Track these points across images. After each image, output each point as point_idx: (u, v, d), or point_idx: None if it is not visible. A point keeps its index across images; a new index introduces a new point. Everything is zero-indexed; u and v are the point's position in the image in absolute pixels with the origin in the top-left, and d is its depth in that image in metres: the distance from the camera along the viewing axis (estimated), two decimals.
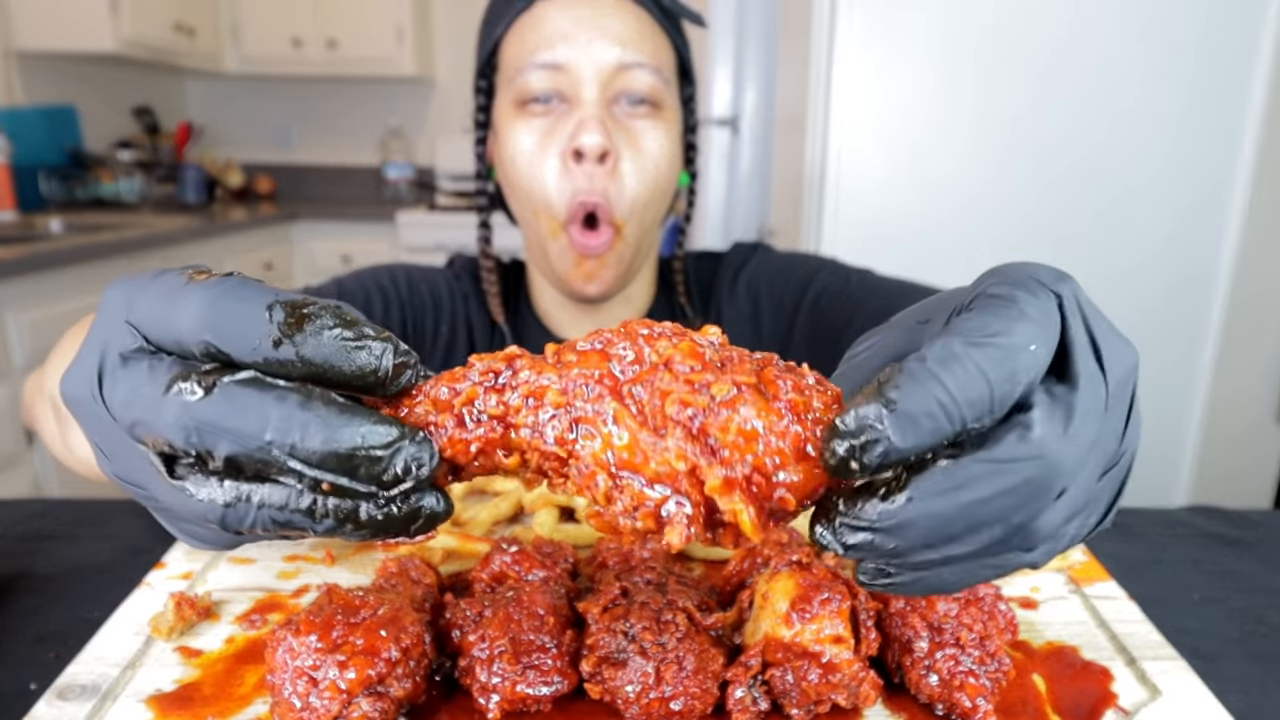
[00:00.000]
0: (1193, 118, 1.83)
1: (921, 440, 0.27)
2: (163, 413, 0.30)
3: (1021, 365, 0.28)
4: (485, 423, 0.32)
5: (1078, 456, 0.29)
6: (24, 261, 2.10)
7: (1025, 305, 0.30)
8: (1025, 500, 0.28)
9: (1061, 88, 1.82)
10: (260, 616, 0.51)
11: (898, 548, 0.29)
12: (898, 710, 0.43)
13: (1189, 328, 1.95)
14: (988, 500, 0.28)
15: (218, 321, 0.30)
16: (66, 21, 3.07)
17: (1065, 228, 1.90)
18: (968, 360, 0.28)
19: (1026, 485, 0.28)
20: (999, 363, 0.28)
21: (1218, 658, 0.56)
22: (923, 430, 0.27)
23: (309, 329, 0.29)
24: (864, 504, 0.29)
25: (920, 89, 1.86)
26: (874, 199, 1.93)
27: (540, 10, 0.83)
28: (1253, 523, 0.77)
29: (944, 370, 0.27)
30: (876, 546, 0.29)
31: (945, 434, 0.27)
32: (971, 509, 0.28)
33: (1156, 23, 1.78)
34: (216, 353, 0.30)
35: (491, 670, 0.41)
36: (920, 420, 0.27)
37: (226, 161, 4.21)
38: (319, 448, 0.29)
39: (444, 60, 4.29)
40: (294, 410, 0.29)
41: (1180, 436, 2.02)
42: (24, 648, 0.54)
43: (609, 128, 0.81)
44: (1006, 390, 0.28)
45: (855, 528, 0.29)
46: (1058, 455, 0.28)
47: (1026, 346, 0.29)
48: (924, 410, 0.27)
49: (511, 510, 0.64)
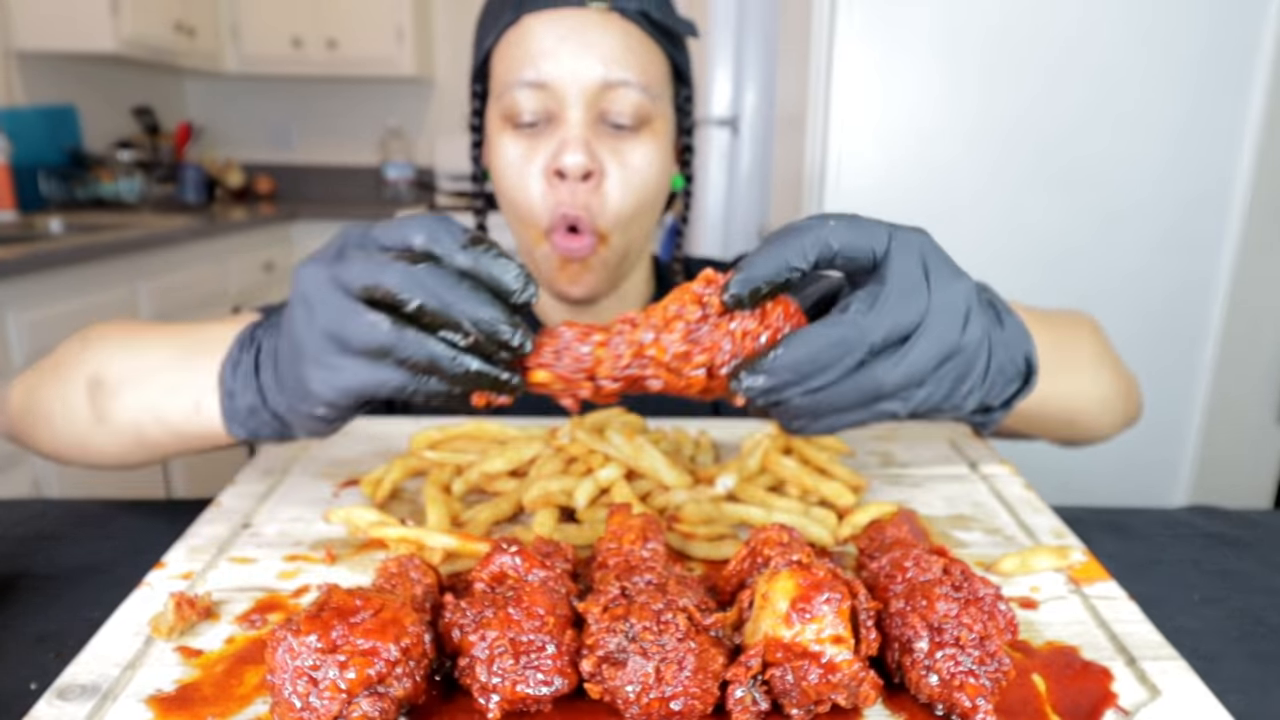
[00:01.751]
0: (1193, 119, 1.83)
1: (759, 274, 0.48)
2: (388, 273, 0.46)
3: (817, 238, 0.48)
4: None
5: (883, 326, 0.47)
6: (24, 261, 2.10)
7: (847, 218, 0.49)
8: (848, 350, 0.46)
9: (1062, 87, 1.82)
10: (260, 616, 0.51)
11: (777, 384, 0.47)
12: (898, 710, 0.43)
13: (1189, 328, 1.95)
14: (822, 349, 0.46)
15: (434, 232, 0.48)
16: (66, 21, 3.07)
17: (1065, 227, 1.90)
18: (787, 233, 0.48)
19: (843, 340, 0.46)
20: (803, 234, 0.48)
21: (1217, 658, 0.56)
22: (759, 270, 0.48)
23: (480, 247, 0.48)
24: (757, 361, 0.47)
25: (920, 89, 1.86)
26: (874, 199, 1.93)
27: (526, 25, 0.82)
28: (1252, 523, 0.77)
29: (776, 238, 0.48)
30: (764, 386, 0.47)
31: (776, 273, 0.47)
32: (815, 354, 0.46)
33: (1158, 23, 1.78)
34: (427, 252, 0.48)
35: (491, 670, 0.41)
36: (758, 264, 0.48)
37: (226, 161, 4.21)
38: (472, 313, 0.46)
39: (444, 60, 4.29)
40: (466, 287, 0.46)
41: (1180, 437, 2.02)
42: (24, 648, 0.54)
43: (593, 147, 0.81)
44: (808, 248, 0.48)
45: (753, 372, 0.47)
46: (862, 323, 0.47)
47: (824, 226, 0.48)
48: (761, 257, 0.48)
49: (511, 510, 0.64)
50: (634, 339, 0.50)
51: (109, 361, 0.68)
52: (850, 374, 0.47)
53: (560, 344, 0.51)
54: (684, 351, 0.50)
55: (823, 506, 0.65)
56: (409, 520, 0.63)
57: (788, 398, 0.48)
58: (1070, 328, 0.76)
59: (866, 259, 0.49)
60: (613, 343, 0.50)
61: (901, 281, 0.47)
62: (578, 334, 0.51)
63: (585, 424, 0.71)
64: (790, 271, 0.47)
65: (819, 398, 0.48)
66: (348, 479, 0.72)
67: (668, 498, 0.65)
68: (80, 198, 3.35)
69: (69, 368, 0.70)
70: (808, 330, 0.47)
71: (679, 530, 0.61)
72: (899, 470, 0.75)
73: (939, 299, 0.48)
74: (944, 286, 0.49)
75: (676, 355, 0.50)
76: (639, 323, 0.51)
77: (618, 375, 0.51)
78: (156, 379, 0.65)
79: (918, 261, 0.48)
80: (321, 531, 0.63)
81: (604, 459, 0.67)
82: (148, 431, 0.67)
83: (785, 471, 0.67)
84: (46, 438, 0.74)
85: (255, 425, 0.60)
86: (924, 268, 0.49)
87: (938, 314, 0.48)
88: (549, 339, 0.51)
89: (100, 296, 2.43)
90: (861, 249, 0.48)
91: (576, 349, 0.51)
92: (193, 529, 0.62)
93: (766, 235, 0.49)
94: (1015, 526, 0.65)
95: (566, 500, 0.64)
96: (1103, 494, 1.94)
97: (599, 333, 0.51)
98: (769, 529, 0.51)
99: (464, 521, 0.62)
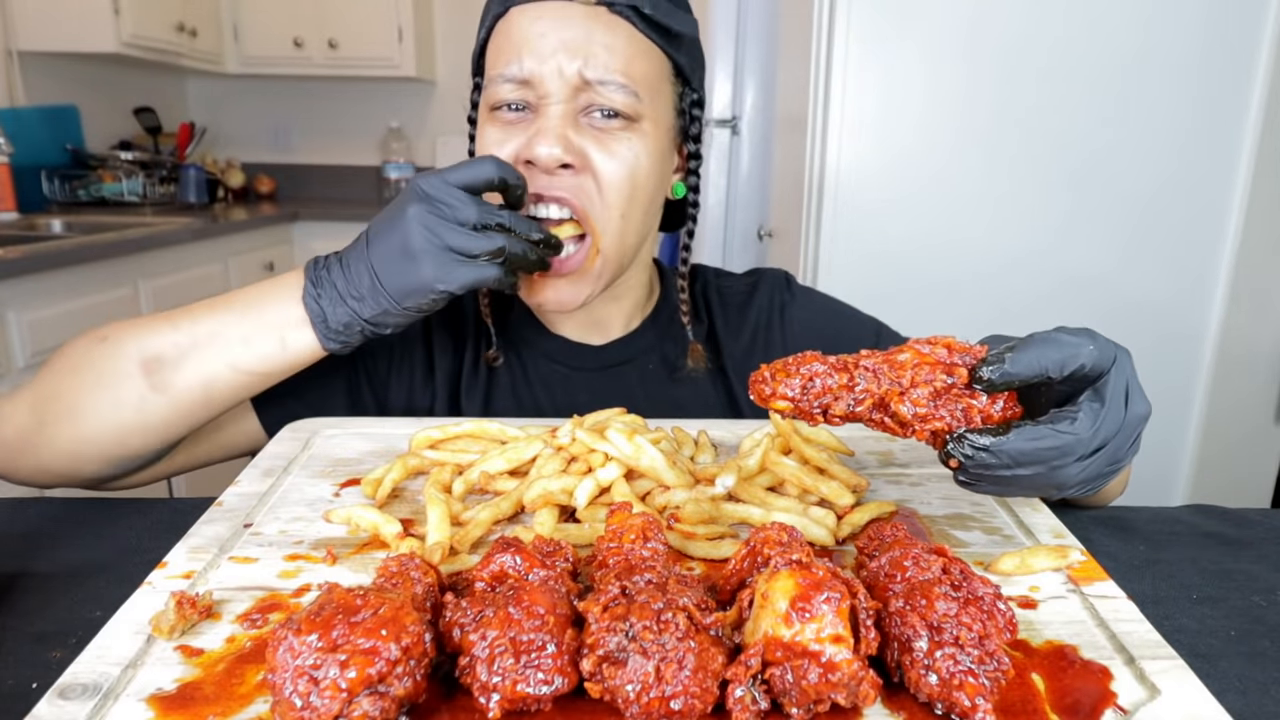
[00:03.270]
0: (1193, 120, 1.83)
1: (1019, 372, 0.53)
2: (469, 210, 0.72)
3: (1075, 355, 0.53)
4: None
5: (1093, 442, 0.54)
6: (25, 261, 2.11)
7: (1091, 335, 0.55)
8: (1060, 455, 0.53)
9: (1063, 87, 1.82)
10: (261, 616, 0.51)
11: (994, 463, 0.53)
12: (897, 710, 0.43)
13: (1189, 328, 1.95)
14: (1044, 449, 0.53)
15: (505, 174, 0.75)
16: (68, 22, 3.08)
17: (1065, 227, 1.90)
18: (1048, 343, 0.54)
19: (1064, 447, 0.53)
20: (1064, 348, 0.54)
21: (1216, 657, 0.56)
22: (1020, 368, 0.53)
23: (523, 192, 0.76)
24: (985, 435, 0.53)
25: (920, 89, 1.86)
26: (873, 199, 1.93)
27: (512, 17, 0.83)
28: (1251, 522, 0.77)
29: (1037, 344, 0.54)
30: (983, 461, 0.53)
31: (1034, 376, 0.53)
32: (1036, 451, 0.53)
33: (1158, 24, 1.78)
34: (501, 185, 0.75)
35: (492, 669, 0.42)
36: (1021, 362, 0.53)
37: (227, 162, 4.21)
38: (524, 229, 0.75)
39: (444, 60, 4.30)
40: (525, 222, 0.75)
41: (1180, 436, 2.02)
42: (25, 647, 0.54)
43: (572, 140, 0.81)
44: (1066, 362, 0.53)
45: (976, 447, 0.53)
46: (1084, 438, 0.53)
47: (1084, 348, 0.54)
48: (1025, 358, 0.53)
49: (512, 510, 0.64)
50: (880, 391, 0.54)
51: (156, 342, 0.75)
52: (1052, 470, 0.54)
53: (808, 374, 0.55)
54: (925, 414, 0.54)
55: (822, 506, 0.65)
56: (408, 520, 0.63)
57: (994, 474, 0.54)
58: None
59: (1099, 375, 0.55)
60: (858, 386, 0.55)
61: (1115, 402, 0.54)
62: (829, 368, 0.55)
63: (585, 424, 0.71)
64: (1045, 379, 0.53)
65: (1017, 482, 0.54)
66: (348, 479, 0.72)
67: (668, 498, 0.65)
68: (81, 198, 3.35)
69: (101, 364, 0.75)
70: (1040, 429, 0.52)
71: (679, 530, 0.61)
72: (899, 470, 0.75)
73: (1129, 419, 0.55)
74: (1135, 408, 0.56)
75: (918, 415, 0.54)
76: (879, 371, 0.55)
77: (849, 415, 0.55)
78: (224, 338, 0.75)
79: (1124, 384, 0.55)
80: (322, 531, 0.63)
81: (604, 459, 0.67)
82: (219, 384, 0.76)
83: (785, 471, 0.67)
84: (69, 442, 0.76)
85: (348, 336, 0.75)
86: (1127, 390, 0.55)
87: (1124, 432, 0.55)
88: (796, 367, 0.55)
89: (101, 296, 2.43)
90: (1101, 369, 0.54)
91: (824, 382, 0.55)
92: (194, 528, 0.62)
93: (1030, 336, 0.55)
94: (1014, 526, 0.65)
95: (566, 500, 0.64)
96: None
97: (840, 373, 0.55)
98: (769, 528, 0.51)
99: (464, 521, 0.62)
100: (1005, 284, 1.94)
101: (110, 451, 0.77)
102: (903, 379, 0.54)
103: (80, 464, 0.78)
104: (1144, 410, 0.56)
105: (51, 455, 0.77)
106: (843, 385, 0.54)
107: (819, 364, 0.55)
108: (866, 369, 0.55)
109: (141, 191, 3.50)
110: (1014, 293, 1.94)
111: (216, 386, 0.76)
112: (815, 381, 0.55)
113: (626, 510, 0.55)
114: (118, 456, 0.78)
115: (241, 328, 0.75)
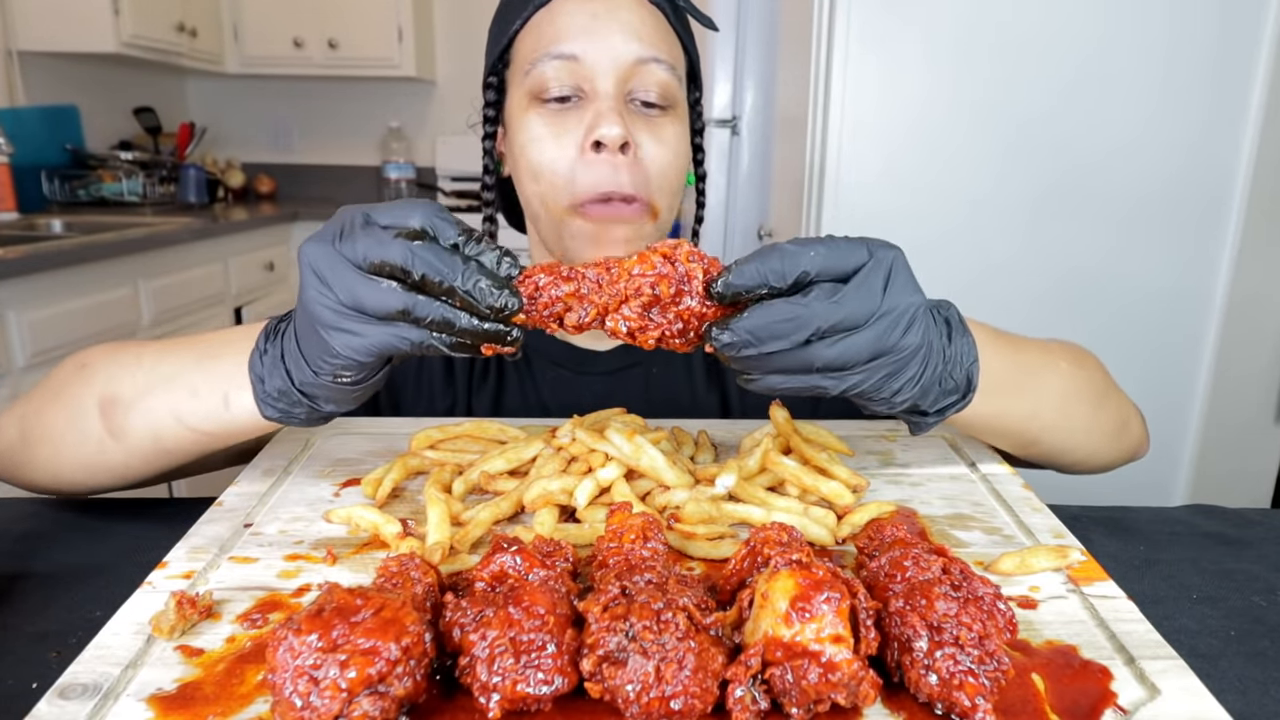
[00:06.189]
0: (1193, 121, 1.83)
1: (742, 283, 0.54)
2: (392, 249, 0.53)
3: (796, 263, 0.54)
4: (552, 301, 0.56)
5: (832, 316, 0.54)
6: (25, 261, 2.11)
7: (827, 240, 0.55)
8: (797, 326, 0.53)
9: (1062, 87, 1.82)
10: (261, 616, 0.51)
11: (740, 341, 0.54)
12: (897, 709, 0.43)
13: (1189, 328, 1.95)
14: (777, 321, 0.53)
15: (429, 218, 0.55)
16: (68, 22, 3.08)
17: (1065, 227, 1.90)
18: (772, 253, 0.54)
19: (796, 318, 0.53)
20: (786, 257, 0.54)
21: (1216, 657, 0.56)
22: (744, 279, 0.54)
23: (473, 239, 0.55)
24: (728, 320, 0.54)
25: (920, 89, 1.86)
26: (873, 199, 1.93)
27: (558, 6, 0.83)
28: (1251, 522, 0.77)
29: (761, 255, 0.54)
30: (729, 340, 0.54)
31: (758, 285, 0.54)
32: (770, 325, 0.53)
33: (1158, 25, 1.78)
34: (423, 231, 0.55)
35: (492, 669, 0.42)
36: (745, 274, 0.54)
37: (228, 161, 4.21)
38: (465, 285, 0.53)
39: (444, 60, 4.30)
40: (461, 264, 0.53)
41: (1180, 436, 2.02)
42: (25, 647, 0.54)
43: (626, 120, 0.81)
44: (788, 270, 0.54)
45: (720, 329, 0.54)
46: (815, 307, 0.53)
47: (806, 255, 0.54)
48: (748, 270, 0.54)
49: (512, 510, 0.64)
50: (601, 303, 0.56)
51: (119, 380, 0.70)
52: (797, 347, 0.55)
53: (533, 284, 0.56)
54: (638, 327, 0.56)
55: (822, 506, 0.65)
56: (410, 521, 0.63)
57: (745, 354, 0.55)
58: (1044, 357, 0.76)
59: (844, 275, 0.55)
60: (582, 298, 0.56)
61: (861, 286, 0.55)
62: (555, 278, 0.56)
63: (585, 424, 0.71)
64: (767, 288, 0.55)
65: (767, 360, 0.56)
66: (348, 479, 0.72)
67: (668, 497, 0.65)
68: (81, 198, 3.35)
69: (72, 393, 0.72)
70: (772, 305, 0.54)
71: (679, 530, 0.61)
72: (899, 470, 0.75)
73: (888, 305, 0.56)
74: (896, 296, 0.56)
75: (631, 330, 0.56)
76: (601, 281, 0.56)
77: (580, 326, 0.57)
78: (176, 385, 0.68)
79: (882, 274, 0.56)
80: (322, 531, 0.63)
81: (604, 459, 0.67)
82: (167, 437, 0.69)
83: (785, 471, 0.67)
84: (47, 465, 0.74)
85: (286, 405, 0.63)
86: (886, 279, 0.56)
87: (883, 317, 0.56)
88: (525, 277, 0.56)
89: (101, 296, 2.43)
90: (838, 269, 0.55)
91: (551, 293, 0.56)
92: (194, 528, 0.62)
93: (762, 247, 0.55)
94: (1014, 526, 0.65)
95: (566, 500, 0.64)
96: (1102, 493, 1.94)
97: (567, 283, 0.56)
98: (769, 528, 0.51)
99: (464, 521, 0.62)
100: (1005, 283, 1.94)
101: (83, 482, 0.74)
102: (620, 288, 0.56)
103: (61, 485, 0.75)
104: (910, 300, 0.56)
105: (33, 473, 0.76)
106: (571, 294, 0.56)
107: (544, 275, 0.56)
108: (589, 279, 0.56)
109: (141, 191, 3.50)
110: (1014, 292, 1.94)
111: (166, 440, 0.70)
112: (541, 293, 0.55)
113: (626, 510, 0.55)
114: (91, 486, 0.75)
115: (194, 376, 0.68)
